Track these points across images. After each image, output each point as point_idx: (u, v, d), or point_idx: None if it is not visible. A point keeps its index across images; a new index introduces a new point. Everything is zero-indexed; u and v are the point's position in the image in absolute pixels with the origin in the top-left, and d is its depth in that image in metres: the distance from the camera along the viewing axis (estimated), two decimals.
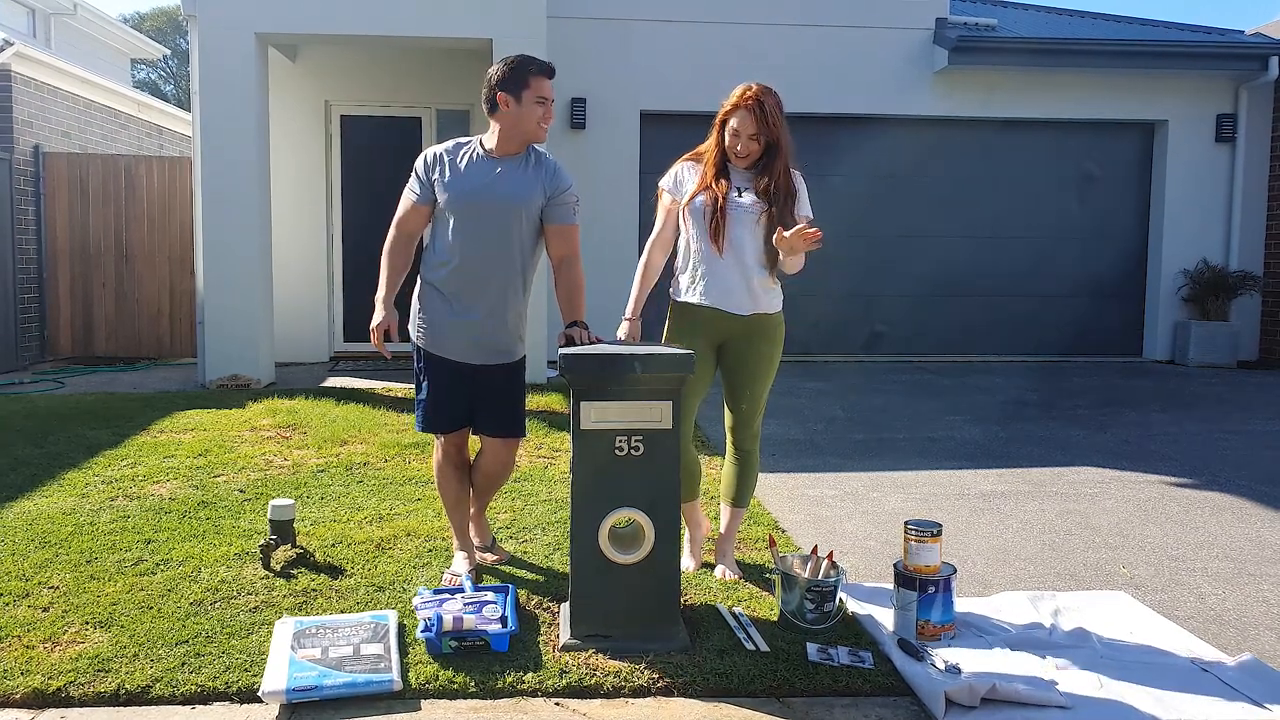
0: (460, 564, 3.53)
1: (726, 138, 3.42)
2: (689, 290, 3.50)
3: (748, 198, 3.42)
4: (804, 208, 3.49)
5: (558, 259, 3.42)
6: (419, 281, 3.47)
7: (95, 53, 14.40)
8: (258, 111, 7.57)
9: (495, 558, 3.71)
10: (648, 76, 9.23)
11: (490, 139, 3.38)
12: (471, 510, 3.68)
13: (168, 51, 25.94)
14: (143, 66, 32.05)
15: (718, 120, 3.46)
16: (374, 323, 3.37)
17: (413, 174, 3.42)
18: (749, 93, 3.37)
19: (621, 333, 3.47)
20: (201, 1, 7.42)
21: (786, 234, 3.18)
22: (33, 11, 13.26)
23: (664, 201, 3.54)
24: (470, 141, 3.42)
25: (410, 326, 3.47)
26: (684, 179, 3.53)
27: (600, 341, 3.23)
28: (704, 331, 3.48)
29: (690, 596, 3.37)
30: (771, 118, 3.35)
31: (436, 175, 3.36)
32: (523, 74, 3.30)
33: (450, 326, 3.38)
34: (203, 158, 7.50)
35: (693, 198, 3.46)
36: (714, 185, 3.42)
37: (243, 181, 7.50)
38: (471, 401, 3.46)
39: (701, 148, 3.56)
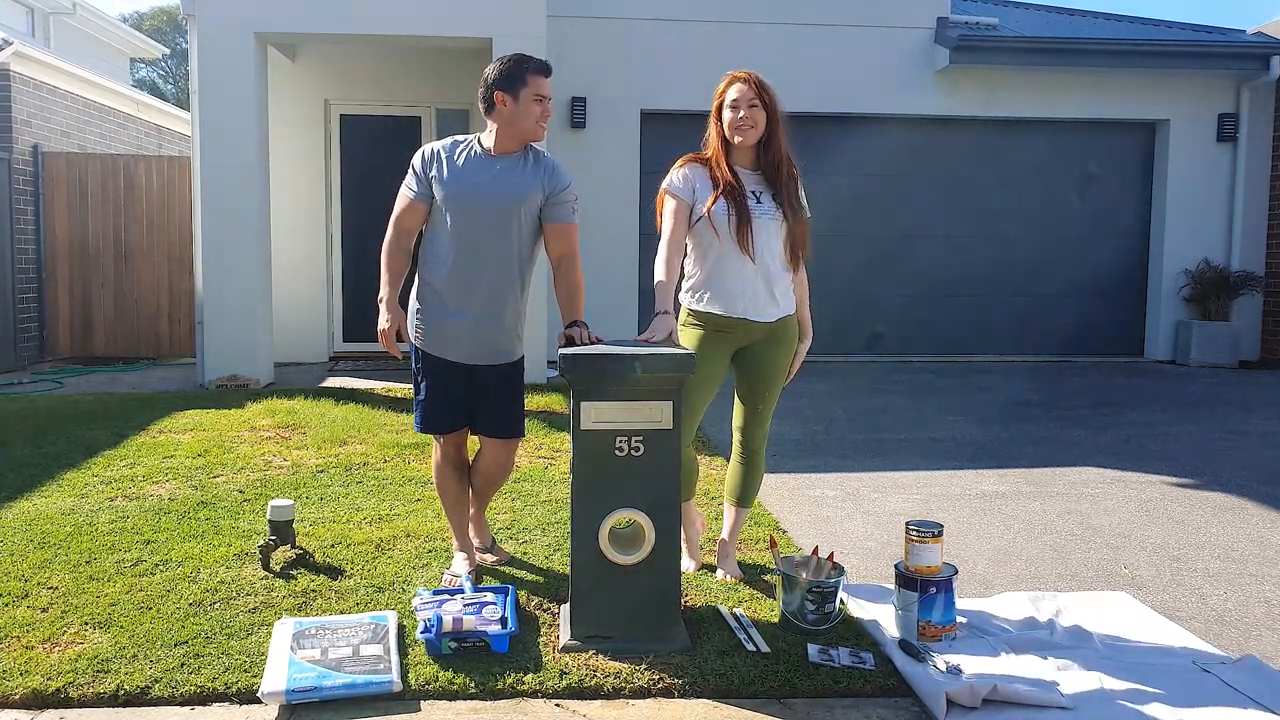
0: (460, 565, 3.52)
1: (726, 116, 3.35)
2: (709, 299, 3.41)
3: (765, 201, 3.38)
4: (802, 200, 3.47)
5: (557, 258, 3.40)
6: (416, 280, 3.46)
7: (95, 52, 14.39)
8: (257, 111, 7.57)
9: (495, 558, 3.70)
10: (648, 76, 9.23)
11: (488, 138, 3.36)
12: (471, 511, 3.67)
13: (167, 51, 25.94)
14: (142, 66, 32.04)
15: (715, 107, 3.41)
16: (381, 325, 3.35)
17: (410, 171, 3.39)
18: (736, 73, 3.40)
19: (661, 325, 3.25)
20: (201, 1, 7.42)
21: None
22: (32, 11, 13.26)
23: (670, 205, 3.39)
24: (469, 139, 3.41)
25: (409, 326, 3.45)
26: (697, 184, 3.39)
27: (600, 341, 3.22)
28: (725, 339, 3.43)
29: (691, 597, 3.36)
30: (769, 91, 3.35)
31: (434, 172, 3.34)
32: (520, 72, 3.28)
33: (448, 326, 3.37)
34: (202, 157, 7.49)
35: (714, 202, 3.33)
36: (733, 188, 3.33)
37: (242, 181, 7.49)
38: (470, 402, 3.45)
39: (702, 153, 3.47)
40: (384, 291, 3.37)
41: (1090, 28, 10.42)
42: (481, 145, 3.36)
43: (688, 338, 3.45)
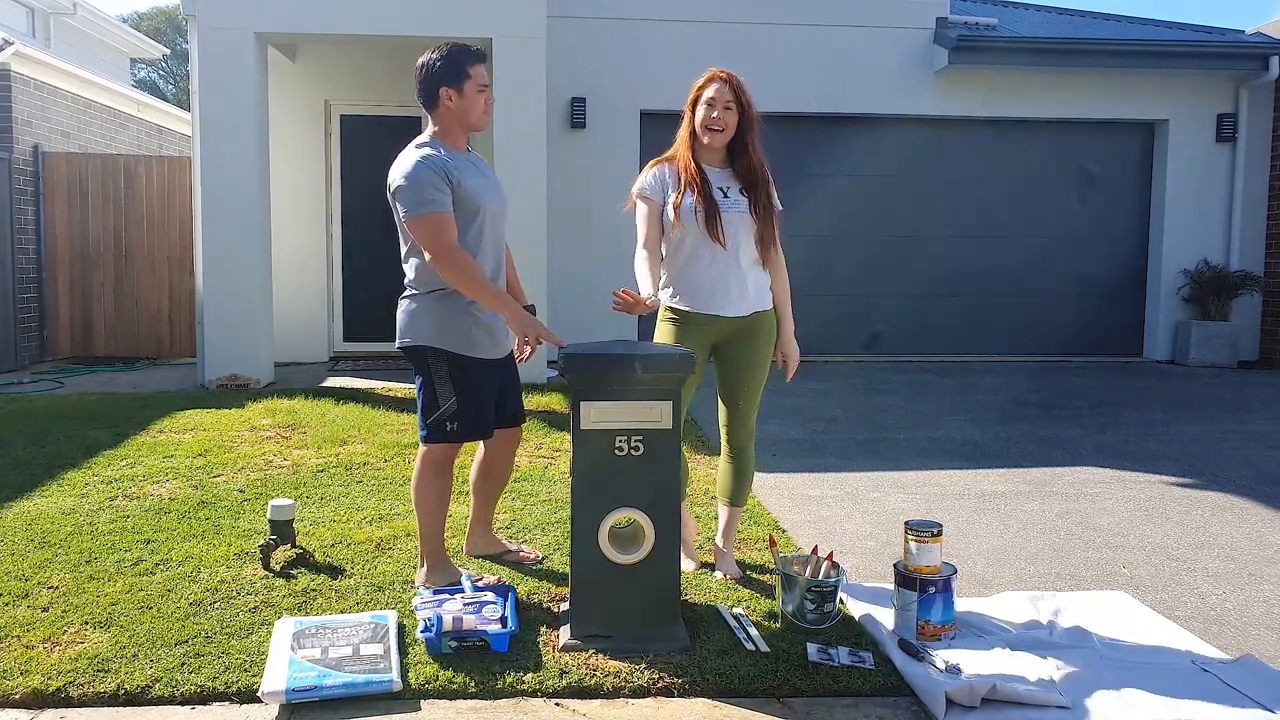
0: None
1: (699, 113, 3.40)
2: (682, 296, 3.45)
3: (733, 196, 3.41)
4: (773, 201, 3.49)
5: None
6: (441, 294, 3.27)
7: (95, 52, 14.40)
8: (257, 111, 7.57)
9: (529, 556, 3.71)
10: (648, 76, 9.22)
11: (443, 137, 3.37)
12: (481, 516, 3.73)
13: (167, 51, 25.92)
14: (143, 66, 32.04)
15: (689, 103, 3.45)
16: (538, 330, 3.24)
17: (430, 189, 3.19)
18: (717, 71, 3.42)
19: (645, 291, 3.27)
20: (201, 1, 7.42)
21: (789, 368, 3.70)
22: (32, 11, 13.26)
23: (643, 210, 3.44)
24: (434, 145, 3.33)
25: (433, 341, 3.28)
26: (667, 182, 3.45)
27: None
28: (698, 334, 3.45)
29: (690, 596, 3.36)
30: (746, 94, 3.38)
31: (454, 181, 3.25)
32: (461, 64, 3.33)
33: (495, 325, 3.35)
34: (202, 158, 7.49)
35: (680, 197, 3.39)
36: (698, 184, 3.38)
37: (243, 181, 7.49)
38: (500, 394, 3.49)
39: (669, 152, 3.51)
40: (509, 303, 3.26)
41: (1089, 28, 10.42)
42: (445, 146, 3.33)
43: (663, 333, 3.50)
